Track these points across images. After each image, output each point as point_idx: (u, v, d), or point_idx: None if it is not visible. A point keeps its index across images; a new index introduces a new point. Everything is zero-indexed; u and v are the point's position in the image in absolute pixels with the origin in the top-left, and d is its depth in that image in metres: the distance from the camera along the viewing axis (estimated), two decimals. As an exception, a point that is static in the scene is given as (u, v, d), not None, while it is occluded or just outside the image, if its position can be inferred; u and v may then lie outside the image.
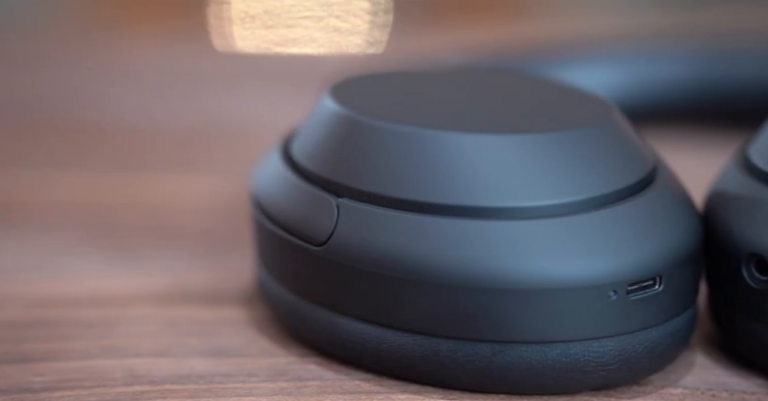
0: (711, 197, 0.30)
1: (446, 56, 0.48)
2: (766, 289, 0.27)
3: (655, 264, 0.27)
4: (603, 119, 0.29)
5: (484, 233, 0.27)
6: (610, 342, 0.27)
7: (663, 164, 0.30)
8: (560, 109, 0.30)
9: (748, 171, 0.29)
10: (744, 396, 0.28)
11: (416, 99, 0.31)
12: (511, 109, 0.30)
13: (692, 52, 0.48)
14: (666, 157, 0.30)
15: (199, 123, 0.48)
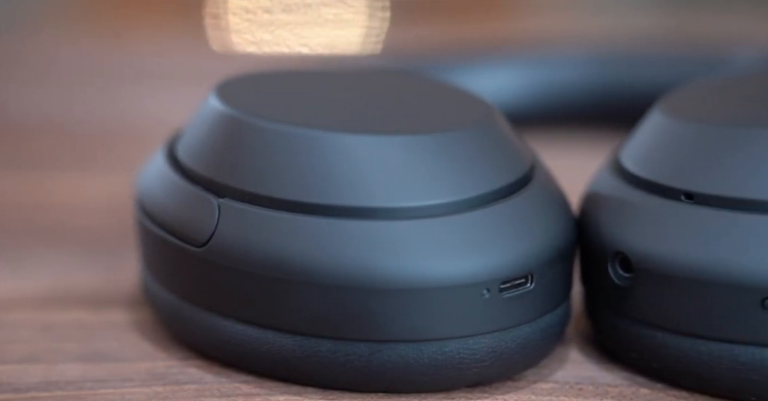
0: (585, 198, 0.31)
1: (365, 58, 0.48)
2: (628, 286, 0.29)
3: (527, 263, 0.28)
4: (481, 121, 0.30)
5: (360, 233, 0.27)
6: (484, 339, 0.28)
7: (541, 164, 0.31)
8: (442, 110, 0.31)
9: (618, 173, 0.30)
10: (607, 388, 0.29)
11: (302, 99, 0.31)
12: (395, 110, 0.31)
13: (585, 56, 0.50)
14: (556, 158, 0.31)
15: (111, 122, 0.47)
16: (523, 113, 0.49)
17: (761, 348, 0.27)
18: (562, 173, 0.32)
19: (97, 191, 0.40)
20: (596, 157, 0.32)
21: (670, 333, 0.28)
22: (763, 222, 0.27)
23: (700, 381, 0.28)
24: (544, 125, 0.48)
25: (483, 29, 0.62)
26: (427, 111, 0.31)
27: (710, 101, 0.31)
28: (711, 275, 0.27)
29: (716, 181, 0.28)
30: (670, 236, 0.28)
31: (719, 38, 0.52)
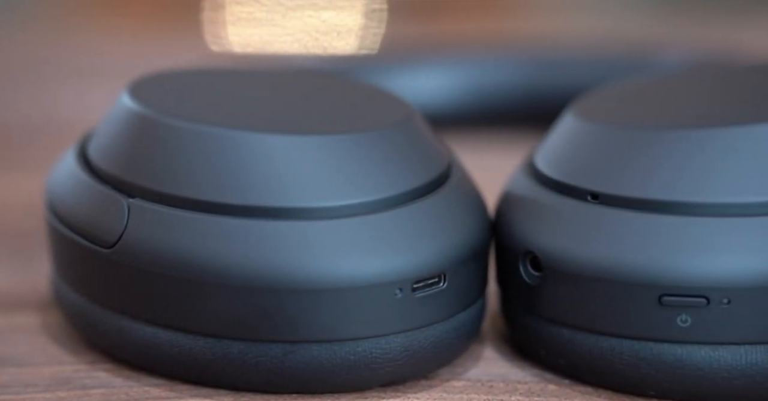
0: (501, 199, 0.31)
1: (295, 57, 0.48)
2: (538, 284, 0.29)
3: (439, 262, 0.28)
4: (397, 121, 0.30)
5: (272, 234, 0.28)
6: (396, 338, 0.28)
7: (458, 165, 0.31)
8: (360, 111, 0.31)
9: (532, 174, 0.30)
10: (517, 385, 0.29)
11: (218, 98, 0.31)
12: (312, 110, 0.31)
13: (513, 58, 0.50)
14: (482, 159, 0.31)
15: (42, 121, 0.46)
16: (452, 114, 0.50)
17: (659, 344, 0.28)
18: (486, 174, 0.32)
19: (12, 191, 0.40)
20: (520, 158, 0.32)
21: (576, 330, 0.29)
22: (660, 222, 0.28)
23: (603, 377, 0.29)
24: (473, 126, 0.48)
25: (476, 28, 0.62)
26: (344, 111, 0.31)
27: (620, 103, 0.31)
28: (612, 273, 0.28)
29: (619, 181, 0.28)
30: (575, 236, 0.28)
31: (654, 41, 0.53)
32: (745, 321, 0.27)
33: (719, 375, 0.27)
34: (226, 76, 0.32)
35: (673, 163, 0.28)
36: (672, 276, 0.27)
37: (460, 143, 0.46)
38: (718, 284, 0.27)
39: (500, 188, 0.31)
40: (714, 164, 0.28)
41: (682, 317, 0.27)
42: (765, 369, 0.27)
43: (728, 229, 0.27)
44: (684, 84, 0.32)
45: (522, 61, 0.49)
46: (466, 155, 0.32)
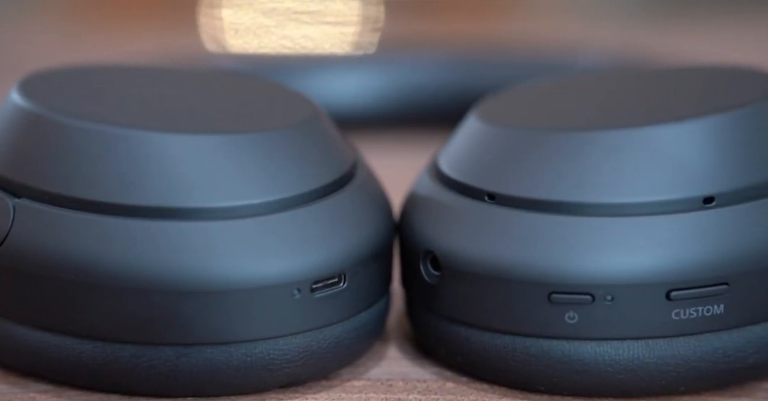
0: (405, 199, 0.31)
1: (214, 56, 0.48)
2: (437, 284, 0.29)
3: (338, 262, 0.28)
4: (301, 121, 0.30)
5: (164, 234, 0.27)
6: (295, 339, 0.28)
7: (363, 165, 0.31)
8: (264, 110, 0.31)
9: (435, 175, 0.30)
10: (416, 384, 0.29)
11: (112, 95, 0.30)
12: (214, 109, 0.31)
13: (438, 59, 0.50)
14: (397, 159, 0.31)
15: None
16: (370, 114, 0.50)
17: (548, 340, 0.28)
18: (400, 174, 0.32)
19: None
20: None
21: (472, 328, 0.29)
22: (550, 221, 0.28)
23: (498, 373, 0.29)
24: (392, 126, 0.48)
25: (474, 29, 0.63)
26: (248, 111, 0.31)
27: (519, 106, 0.32)
28: (505, 271, 0.28)
29: (514, 182, 0.29)
30: (472, 236, 0.29)
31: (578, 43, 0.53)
32: (627, 318, 0.27)
33: (603, 370, 0.28)
34: (126, 74, 0.32)
35: (562, 164, 0.28)
36: (560, 274, 0.27)
37: (378, 143, 0.47)
38: (602, 282, 0.27)
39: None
40: (599, 165, 0.28)
41: (569, 314, 0.27)
42: (646, 363, 0.28)
43: (611, 228, 0.27)
44: (583, 87, 0.32)
45: (440, 62, 0.50)
46: (382, 155, 0.32)
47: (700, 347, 0.28)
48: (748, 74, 0.31)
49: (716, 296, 0.27)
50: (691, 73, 0.32)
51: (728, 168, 0.28)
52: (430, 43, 0.52)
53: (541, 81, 0.33)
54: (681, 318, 0.27)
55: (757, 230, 0.27)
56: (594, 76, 0.34)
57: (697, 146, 0.28)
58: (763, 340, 0.28)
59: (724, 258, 0.27)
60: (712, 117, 0.28)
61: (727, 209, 0.27)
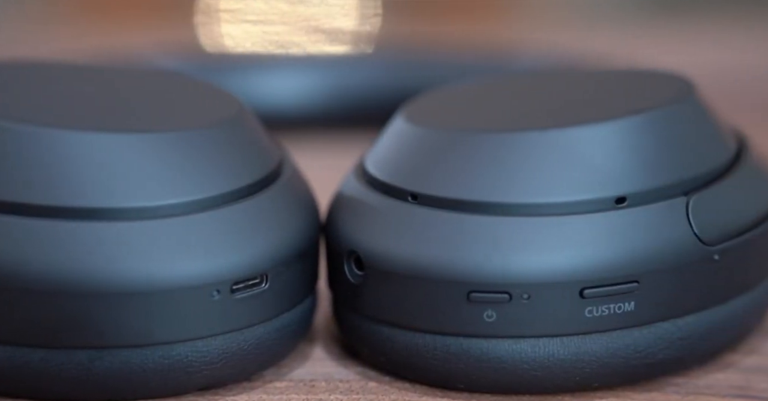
0: (332, 199, 0.31)
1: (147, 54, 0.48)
2: (360, 283, 0.30)
3: (260, 263, 0.28)
4: (223, 119, 0.30)
5: (78, 235, 0.27)
6: (214, 341, 0.28)
7: (290, 165, 0.31)
8: (188, 109, 0.31)
9: (361, 175, 0.31)
10: (338, 384, 0.30)
11: (30, 93, 0.30)
12: (135, 108, 0.30)
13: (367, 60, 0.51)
14: (335, 159, 0.32)
15: None
16: (309, 114, 0.51)
17: (467, 339, 0.29)
18: (331, 174, 0.33)
19: None
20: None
21: (394, 327, 0.29)
22: (469, 221, 0.28)
23: (419, 372, 0.30)
24: (331, 126, 0.49)
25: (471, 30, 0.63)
26: (171, 109, 0.31)
27: (445, 106, 0.32)
28: (425, 271, 0.28)
29: (436, 182, 0.29)
30: (394, 236, 0.29)
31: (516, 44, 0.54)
32: (543, 316, 0.28)
33: (520, 367, 0.28)
34: (48, 71, 0.32)
35: (482, 164, 0.29)
36: (478, 274, 0.28)
37: (314, 143, 0.47)
38: (518, 281, 0.28)
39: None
40: (517, 165, 0.29)
41: (488, 312, 0.28)
42: (561, 360, 0.28)
43: (527, 228, 0.28)
44: (508, 88, 0.33)
45: (374, 61, 0.50)
46: (317, 155, 0.33)
47: (612, 343, 0.29)
48: (662, 77, 0.32)
49: (627, 294, 0.28)
50: (610, 76, 0.33)
51: (640, 169, 0.29)
52: (366, 42, 0.53)
53: (468, 82, 0.34)
54: (594, 316, 0.28)
55: (666, 230, 0.28)
56: (519, 78, 0.34)
57: (610, 147, 0.29)
58: (673, 336, 0.29)
59: (634, 257, 0.28)
60: (625, 119, 0.29)
61: (638, 209, 0.28)
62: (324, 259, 0.31)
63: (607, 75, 0.34)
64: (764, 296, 0.31)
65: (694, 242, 0.29)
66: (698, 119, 0.30)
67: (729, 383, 0.30)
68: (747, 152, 0.31)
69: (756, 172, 0.31)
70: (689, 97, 0.30)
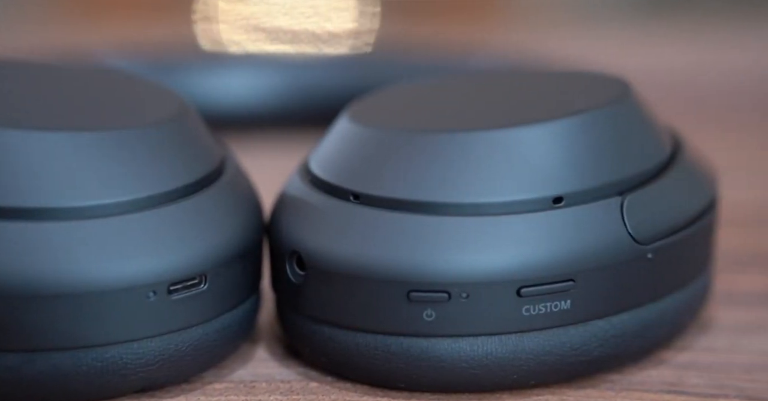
0: (276, 199, 0.32)
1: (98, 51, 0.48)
2: (302, 283, 0.30)
3: (198, 263, 0.28)
4: (163, 118, 0.30)
5: (7, 235, 0.27)
6: (151, 342, 0.28)
7: (233, 164, 0.31)
8: (129, 107, 0.31)
9: (305, 175, 0.31)
10: (279, 384, 0.30)
11: None
12: (75, 106, 0.30)
13: (322, 60, 0.51)
14: (282, 160, 0.32)
15: None
16: (267, 114, 0.51)
17: (407, 338, 0.29)
18: (280, 175, 0.33)
19: None
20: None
21: (335, 327, 0.29)
22: (410, 221, 0.29)
23: (360, 372, 0.30)
24: (288, 125, 0.49)
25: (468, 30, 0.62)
26: (112, 108, 0.30)
27: (389, 106, 0.32)
28: (366, 270, 0.29)
29: (378, 182, 0.29)
30: (336, 235, 0.29)
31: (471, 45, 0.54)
32: (481, 314, 0.28)
33: (459, 366, 0.29)
34: None
35: (422, 164, 0.29)
36: (418, 273, 0.28)
37: (265, 143, 0.47)
38: (457, 280, 0.28)
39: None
40: (457, 165, 0.29)
41: (427, 311, 0.29)
42: (499, 358, 0.29)
43: (466, 228, 0.29)
44: (452, 89, 0.34)
45: (324, 62, 0.50)
46: (272, 155, 0.32)
47: (549, 341, 0.29)
48: (601, 79, 0.32)
49: (563, 293, 0.29)
50: (552, 78, 0.34)
51: (577, 169, 0.29)
52: (317, 43, 0.53)
53: (413, 82, 0.34)
54: (531, 314, 0.29)
55: (601, 229, 0.29)
56: (464, 79, 0.35)
57: (547, 148, 0.29)
58: (607, 334, 0.29)
59: (570, 256, 0.29)
60: (563, 120, 0.30)
61: (575, 209, 0.29)
62: (267, 259, 0.31)
63: (549, 77, 0.34)
64: (697, 293, 0.31)
65: (628, 241, 0.29)
66: (634, 120, 0.31)
67: (661, 379, 0.30)
68: (682, 152, 0.32)
69: (690, 172, 0.31)
70: (626, 98, 0.31)
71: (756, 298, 0.35)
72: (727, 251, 0.36)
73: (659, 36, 0.67)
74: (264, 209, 0.31)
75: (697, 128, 0.37)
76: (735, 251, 0.37)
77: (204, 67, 0.49)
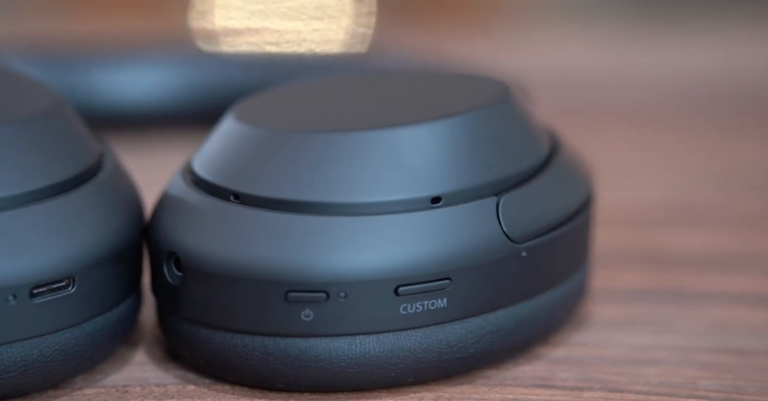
0: (157, 200, 0.31)
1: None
2: (180, 285, 0.29)
3: (65, 265, 0.28)
4: (33, 114, 0.29)
5: None
6: (11, 348, 0.28)
7: (113, 163, 0.31)
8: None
9: (187, 174, 0.31)
10: (154, 388, 0.30)
11: None
12: None
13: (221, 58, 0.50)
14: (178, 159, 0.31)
15: None
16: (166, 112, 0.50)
17: (285, 339, 0.29)
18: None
19: None
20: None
21: (212, 329, 0.29)
22: (288, 221, 0.29)
23: (238, 374, 0.30)
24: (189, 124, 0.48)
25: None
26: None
27: (274, 106, 0.32)
28: (244, 271, 0.29)
29: (259, 182, 0.29)
30: (214, 236, 0.29)
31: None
32: (359, 314, 0.29)
33: (337, 365, 0.29)
34: None
35: (302, 164, 0.29)
36: (296, 273, 0.28)
37: (168, 142, 0.47)
38: (335, 280, 0.28)
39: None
40: (336, 165, 0.29)
41: (305, 312, 0.29)
42: (376, 357, 0.29)
43: (344, 227, 0.29)
44: (338, 89, 0.34)
45: (220, 60, 0.50)
46: (168, 154, 0.32)
47: (426, 339, 0.29)
48: (482, 81, 0.33)
49: (440, 291, 0.29)
50: (435, 79, 0.34)
51: (454, 170, 0.29)
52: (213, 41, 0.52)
53: (302, 82, 0.34)
54: (408, 313, 0.29)
55: (477, 229, 0.29)
56: (351, 79, 0.35)
57: (426, 148, 0.29)
58: (483, 330, 0.30)
59: (447, 255, 0.29)
60: (441, 121, 0.30)
61: (452, 209, 0.29)
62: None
63: (434, 78, 0.34)
64: (572, 290, 0.32)
65: (503, 240, 0.29)
66: (512, 122, 0.31)
67: (533, 374, 0.31)
68: (559, 153, 0.32)
69: (565, 172, 0.32)
70: (504, 100, 0.31)
71: (632, 294, 0.35)
72: (609, 248, 0.36)
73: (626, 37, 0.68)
74: (147, 210, 0.31)
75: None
76: (617, 249, 0.38)
77: (98, 64, 0.49)
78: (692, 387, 0.30)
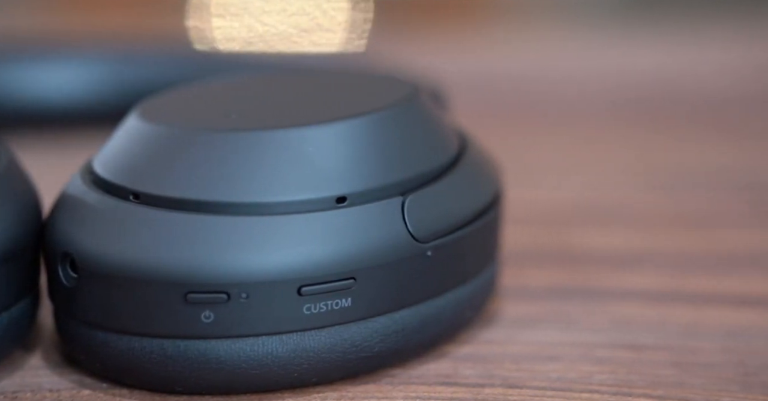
0: (55, 200, 0.30)
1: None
2: (75, 287, 0.29)
3: None
4: None
5: None
6: None
7: (5, 161, 0.30)
8: None
9: (86, 174, 0.30)
10: (47, 394, 0.29)
11: None
12: None
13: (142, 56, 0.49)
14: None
15: None
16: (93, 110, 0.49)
17: (185, 341, 0.28)
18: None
19: None
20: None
21: (109, 332, 0.28)
22: (189, 221, 0.28)
23: (136, 377, 0.29)
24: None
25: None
26: None
27: (179, 105, 0.31)
28: (141, 272, 0.28)
29: (160, 181, 0.29)
30: (111, 236, 0.28)
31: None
32: (262, 314, 0.28)
33: (239, 367, 0.28)
34: None
35: (204, 163, 0.29)
36: (196, 274, 0.28)
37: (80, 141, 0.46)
38: (236, 281, 0.28)
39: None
40: (240, 165, 0.29)
41: (205, 313, 0.28)
42: (279, 357, 0.28)
43: (246, 227, 0.28)
44: (247, 88, 0.33)
45: (128, 58, 0.49)
46: (77, 154, 0.31)
47: (330, 339, 0.29)
48: (391, 82, 0.32)
49: (344, 291, 0.28)
50: (346, 79, 0.34)
51: (360, 170, 0.29)
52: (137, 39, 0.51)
53: (210, 81, 0.33)
54: (312, 312, 0.28)
55: (382, 229, 0.29)
56: (259, 78, 0.34)
57: (332, 148, 0.29)
58: (388, 330, 0.29)
59: (351, 255, 0.28)
60: (347, 121, 0.29)
61: (357, 209, 0.29)
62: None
63: (343, 78, 0.34)
64: (480, 288, 0.32)
65: (408, 240, 0.29)
66: (419, 122, 0.31)
67: (438, 371, 0.31)
68: (467, 154, 0.32)
69: (473, 173, 0.32)
70: (412, 101, 0.31)
71: (542, 292, 0.35)
72: (521, 247, 0.37)
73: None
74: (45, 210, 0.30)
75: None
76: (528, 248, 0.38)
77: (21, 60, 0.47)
78: (587, 382, 0.30)
